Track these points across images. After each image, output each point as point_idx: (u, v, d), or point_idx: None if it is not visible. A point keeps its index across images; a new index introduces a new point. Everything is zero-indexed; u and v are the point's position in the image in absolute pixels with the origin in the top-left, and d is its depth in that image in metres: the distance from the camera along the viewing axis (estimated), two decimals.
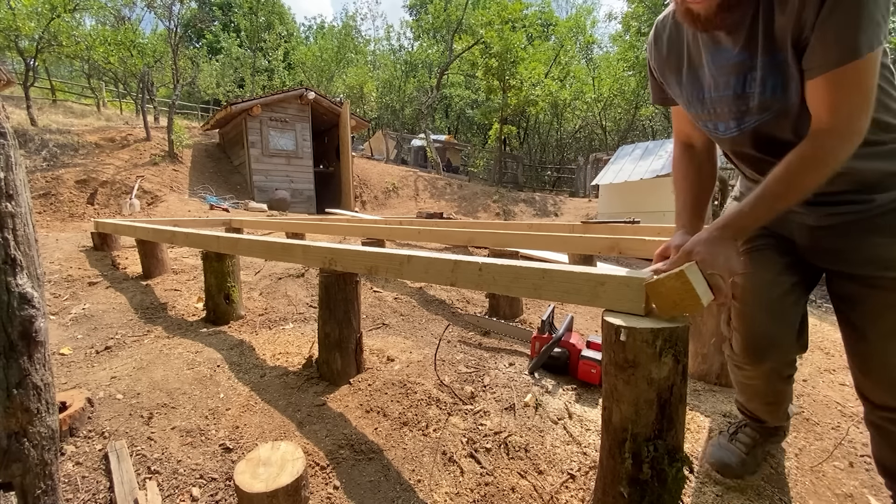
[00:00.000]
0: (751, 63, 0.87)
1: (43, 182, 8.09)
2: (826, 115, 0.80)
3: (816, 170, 0.82)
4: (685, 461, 0.89)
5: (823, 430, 1.65)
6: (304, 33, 37.30)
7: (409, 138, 20.11)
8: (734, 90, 0.91)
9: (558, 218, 13.00)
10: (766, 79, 0.86)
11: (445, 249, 4.50)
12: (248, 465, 1.08)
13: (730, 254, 0.87)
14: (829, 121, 0.80)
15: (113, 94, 18.35)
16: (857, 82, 0.77)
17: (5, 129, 0.84)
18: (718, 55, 0.91)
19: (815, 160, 0.82)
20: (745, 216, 0.88)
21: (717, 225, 0.89)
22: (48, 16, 10.51)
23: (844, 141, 0.81)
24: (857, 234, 0.94)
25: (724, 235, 0.88)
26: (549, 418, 1.56)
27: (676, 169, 1.17)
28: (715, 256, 0.86)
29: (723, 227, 0.89)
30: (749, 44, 0.86)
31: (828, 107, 0.80)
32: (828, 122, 0.80)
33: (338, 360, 1.80)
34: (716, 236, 0.88)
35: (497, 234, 2.81)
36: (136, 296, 2.97)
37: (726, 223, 0.89)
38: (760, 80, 0.87)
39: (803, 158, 0.83)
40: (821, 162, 0.82)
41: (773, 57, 0.84)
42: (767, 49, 0.84)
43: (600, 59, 26.53)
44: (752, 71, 0.87)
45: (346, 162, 11.81)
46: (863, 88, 0.78)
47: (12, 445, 0.86)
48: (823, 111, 0.81)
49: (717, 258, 0.85)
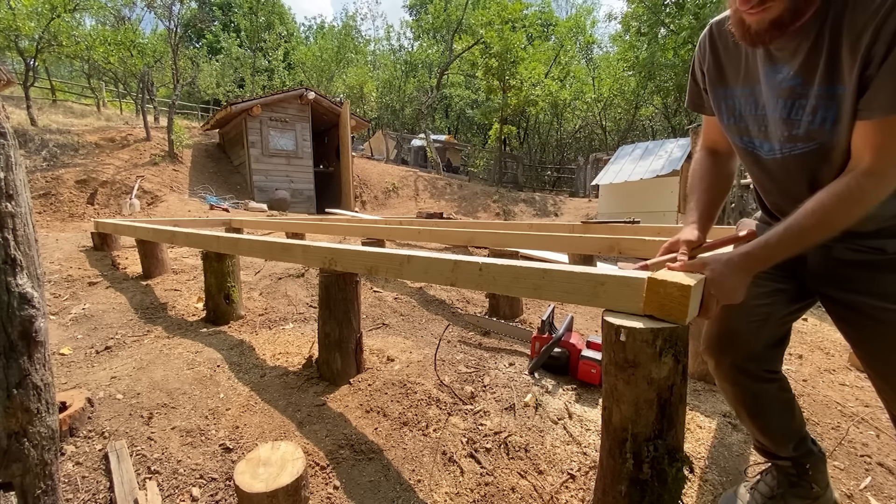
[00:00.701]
0: (802, 90, 0.85)
1: (43, 182, 8.09)
2: (870, 156, 0.79)
3: (850, 209, 0.81)
4: (685, 461, 0.89)
5: (823, 430, 1.65)
6: (304, 33, 37.29)
7: (409, 138, 20.10)
8: (780, 113, 0.90)
9: (558, 218, 13.00)
10: (818, 109, 0.84)
11: (445, 249, 4.50)
12: (248, 465, 1.08)
13: (739, 284, 0.86)
14: (873, 162, 0.79)
15: (113, 94, 18.35)
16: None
17: (5, 129, 0.84)
18: (772, 74, 0.89)
19: (851, 199, 0.80)
20: (771, 248, 0.85)
21: (740, 252, 0.87)
22: (48, 16, 10.51)
23: (882, 184, 0.80)
24: (873, 271, 0.94)
25: (745, 265, 0.86)
26: (549, 418, 1.56)
27: (697, 171, 1.15)
28: (725, 280, 0.85)
29: (746, 255, 0.86)
30: (807, 69, 0.83)
31: (875, 148, 0.79)
32: (870, 164, 0.79)
33: (338, 360, 1.80)
34: (736, 263, 0.86)
35: (497, 234, 2.81)
36: (136, 296, 2.97)
37: (750, 252, 0.86)
38: (811, 110, 0.85)
39: (838, 195, 0.81)
40: (855, 201, 0.80)
41: (830, 88, 0.81)
42: (827, 78, 0.81)
43: (600, 59, 26.52)
44: (803, 98, 0.85)
45: (346, 162, 11.81)
46: None
47: (12, 445, 0.86)
48: (868, 151, 0.80)
49: (726, 283, 0.85)
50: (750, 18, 0.80)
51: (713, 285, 0.85)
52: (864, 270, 0.95)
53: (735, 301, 0.86)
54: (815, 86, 0.83)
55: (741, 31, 0.84)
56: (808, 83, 0.84)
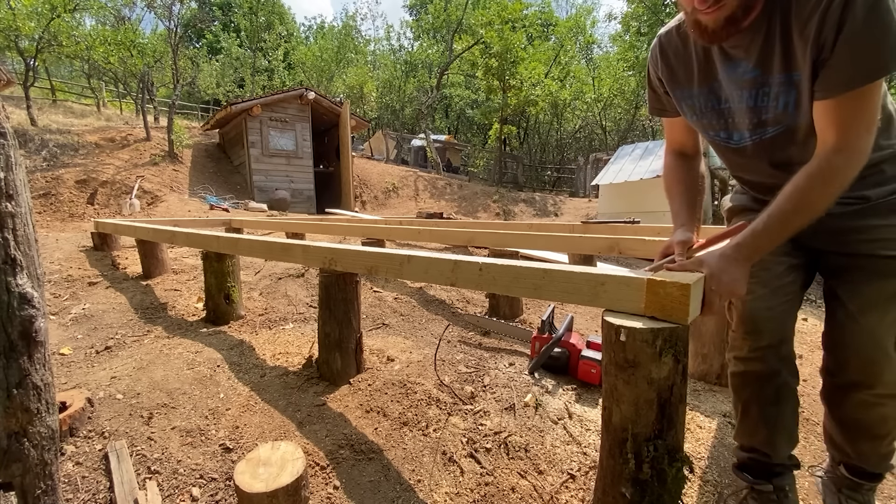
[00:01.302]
0: (763, 79, 0.91)
1: (43, 182, 8.09)
2: (834, 135, 0.83)
3: (826, 188, 0.85)
4: (685, 461, 0.89)
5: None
6: (304, 33, 37.28)
7: (409, 138, 20.10)
8: (746, 103, 0.95)
9: (558, 218, 13.00)
10: (780, 95, 0.90)
11: (445, 249, 4.50)
12: (248, 465, 1.08)
13: (738, 276, 0.87)
14: (838, 141, 0.83)
15: (113, 94, 18.35)
16: (866, 104, 0.81)
17: (5, 129, 0.84)
18: (732, 70, 0.94)
19: (824, 179, 0.84)
20: (759, 235, 0.88)
21: (732, 244, 0.90)
22: (48, 16, 10.50)
23: (852, 160, 0.83)
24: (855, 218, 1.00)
25: (738, 256, 0.88)
26: (549, 418, 1.56)
27: (670, 175, 1.20)
28: (722, 274, 0.87)
29: (737, 247, 0.89)
30: (763, 61, 0.89)
31: (836, 127, 0.83)
32: (836, 141, 0.83)
33: (338, 360, 1.80)
34: (730, 256, 0.88)
35: (497, 234, 2.80)
36: (136, 296, 2.97)
37: (740, 242, 0.89)
38: (774, 96, 0.90)
39: (811, 177, 0.85)
40: (829, 180, 0.84)
41: (788, 75, 0.87)
42: (783, 67, 0.86)
43: (600, 59, 26.52)
44: (766, 86, 0.91)
45: (346, 162, 11.81)
46: (871, 110, 0.81)
47: (12, 445, 0.86)
48: (831, 131, 0.84)
49: (723, 277, 0.86)
50: (705, 18, 0.84)
51: (712, 281, 0.87)
52: (852, 220, 1.00)
53: (737, 294, 0.88)
54: (774, 74, 0.88)
55: (698, 32, 0.89)
56: (766, 73, 0.89)
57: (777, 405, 1.16)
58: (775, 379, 1.14)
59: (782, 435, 1.17)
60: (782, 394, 1.15)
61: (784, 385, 1.15)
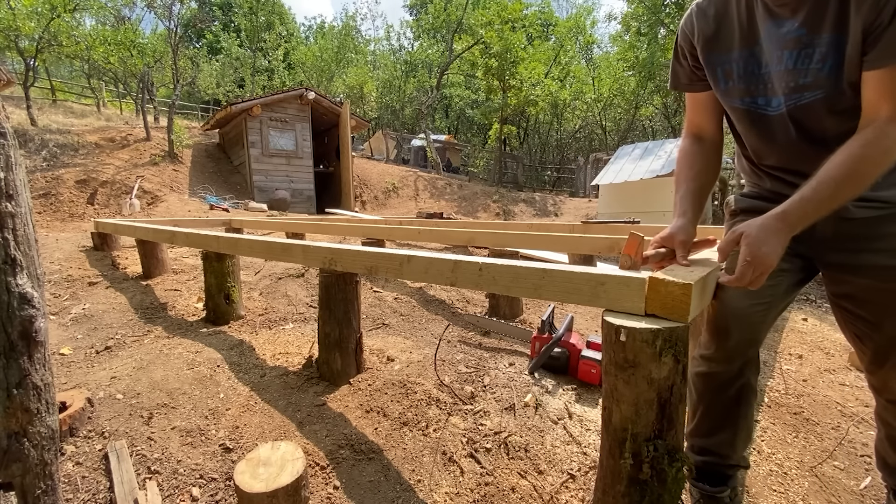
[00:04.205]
0: (809, 39, 0.86)
1: (43, 182, 8.09)
2: (887, 106, 0.80)
3: (882, 157, 0.81)
4: (685, 461, 0.89)
5: (823, 430, 1.66)
6: (304, 33, 37.25)
7: (409, 138, 20.09)
8: (786, 65, 0.90)
9: (558, 218, 13.00)
10: (827, 57, 0.85)
11: (445, 249, 4.50)
12: (248, 465, 1.08)
13: (777, 248, 0.83)
14: (892, 111, 0.80)
15: (113, 94, 18.34)
16: None
17: (5, 129, 0.84)
18: (775, 28, 0.90)
19: (881, 147, 0.80)
20: (807, 202, 0.83)
21: (774, 214, 0.85)
22: (48, 16, 10.50)
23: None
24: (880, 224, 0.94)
25: (781, 226, 0.83)
26: (549, 418, 1.56)
27: (683, 159, 1.14)
28: (762, 245, 0.82)
29: (782, 215, 0.84)
30: (812, 20, 0.85)
31: (889, 96, 0.80)
32: (888, 113, 0.80)
33: (338, 360, 1.80)
34: (772, 224, 0.84)
35: (497, 234, 2.80)
36: (136, 296, 2.97)
37: (786, 209, 0.84)
38: (819, 58, 0.86)
39: (867, 145, 0.81)
40: (885, 150, 0.81)
41: (838, 36, 0.83)
42: (835, 27, 0.82)
43: (600, 59, 26.49)
44: (809, 47, 0.86)
45: (346, 162, 11.80)
46: None
47: (12, 445, 0.86)
48: (883, 101, 0.81)
49: (763, 248, 0.82)
50: None
51: (749, 251, 0.83)
52: (873, 226, 0.95)
53: (769, 267, 0.84)
54: (822, 34, 0.84)
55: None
56: (813, 32, 0.85)
57: (739, 406, 1.15)
58: (739, 380, 1.13)
59: (742, 435, 1.17)
60: (744, 393, 1.14)
61: (746, 384, 1.14)
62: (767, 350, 2.31)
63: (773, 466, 1.44)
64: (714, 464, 1.19)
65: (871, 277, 0.96)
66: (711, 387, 1.15)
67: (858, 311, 1.01)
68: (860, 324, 1.02)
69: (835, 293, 1.06)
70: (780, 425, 1.67)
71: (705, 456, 1.20)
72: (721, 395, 1.15)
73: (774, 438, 1.58)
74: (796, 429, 1.66)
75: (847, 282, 1.01)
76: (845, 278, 1.01)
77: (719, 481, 1.19)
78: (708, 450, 1.19)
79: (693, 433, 1.22)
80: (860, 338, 1.04)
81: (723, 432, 1.17)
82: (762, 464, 1.45)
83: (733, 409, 1.15)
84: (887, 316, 0.96)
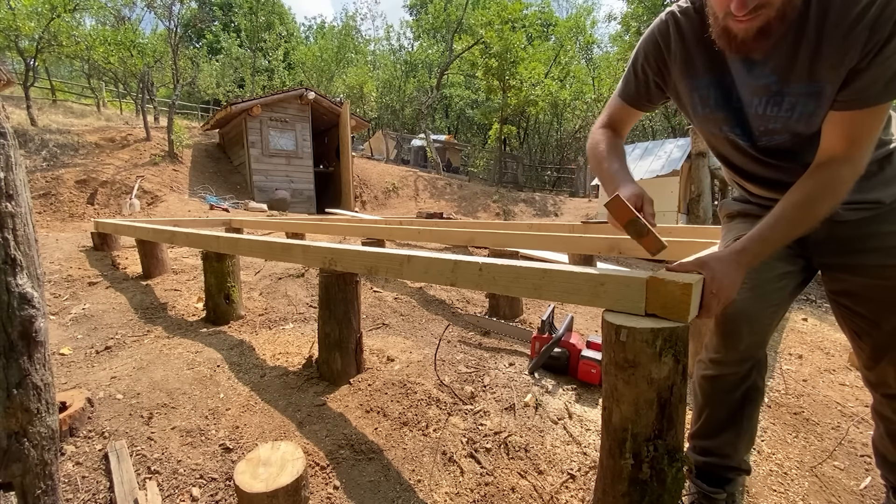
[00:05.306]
0: (778, 87, 0.88)
1: (43, 182, 8.09)
2: (845, 147, 0.84)
3: (832, 198, 0.86)
4: (685, 461, 0.89)
5: (823, 430, 1.66)
6: (304, 33, 37.27)
7: (409, 138, 20.10)
8: (755, 109, 0.93)
9: (558, 218, 13.00)
10: (796, 105, 0.88)
11: (445, 249, 4.50)
12: (248, 465, 1.08)
13: (737, 280, 0.87)
14: (848, 152, 0.84)
15: (113, 94, 18.34)
16: (880, 119, 0.82)
17: (5, 129, 0.84)
18: (746, 71, 0.91)
19: (833, 189, 0.85)
20: (764, 242, 0.89)
21: (734, 249, 0.89)
22: (48, 16, 10.50)
23: (856, 170, 0.85)
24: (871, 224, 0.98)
25: (741, 260, 0.88)
26: (549, 418, 1.56)
27: (604, 140, 1.17)
28: (724, 277, 0.86)
29: (741, 252, 0.89)
30: (783, 68, 0.86)
31: (848, 139, 0.83)
32: (845, 154, 0.84)
33: (338, 360, 1.80)
34: (733, 260, 0.88)
35: (497, 234, 2.80)
36: (136, 296, 2.97)
37: (744, 247, 0.89)
38: (789, 106, 0.89)
39: (819, 187, 0.86)
40: (836, 191, 0.85)
41: (812, 85, 0.84)
42: (808, 76, 0.84)
43: (600, 59, 26.51)
44: (779, 95, 0.89)
45: (346, 162, 11.80)
46: (880, 124, 0.84)
47: (12, 445, 0.86)
48: (842, 142, 0.84)
49: (724, 281, 0.86)
50: (738, 27, 0.80)
51: (713, 284, 0.86)
52: (864, 227, 0.98)
53: (730, 298, 0.88)
54: (793, 84, 0.86)
55: (726, 40, 0.85)
56: (784, 81, 0.87)
57: (744, 407, 1.16)
58: (747, 381, 1.14)
59: (745, 436, 1.18)
60: (750, 395, 1.15)
61: (753, 386, 1.15)
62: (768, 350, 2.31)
63: (773, 466, 1.44)
64: (714, 464, 1.20)
65: (866, 276, 0.98)
66: (719, 389, 1.16)
67: (856, 308, 1.03)
68: (858, 320, 1.04)
69: (833, 291, 1.08)
70: (780, 425, 1.67)
71: (707, 456, 1.20)
72: (728, 397, 1.15)
73: (774, 438, 1.58)
74: (796, 429, 1.66)
75: (844, 280, 1.04)
76: (842, 277, 1.04)
77: (717, 482, 1.19)
78: (710, 450, 1.20)
79: (696, 435, 1.23)
80: (859, 334, 1.06)
81: (726, 433, 1.17)
82: (762, 464, 1.45)
83: (738, 411, 1.15)
84: (884, 312, 0.98)
